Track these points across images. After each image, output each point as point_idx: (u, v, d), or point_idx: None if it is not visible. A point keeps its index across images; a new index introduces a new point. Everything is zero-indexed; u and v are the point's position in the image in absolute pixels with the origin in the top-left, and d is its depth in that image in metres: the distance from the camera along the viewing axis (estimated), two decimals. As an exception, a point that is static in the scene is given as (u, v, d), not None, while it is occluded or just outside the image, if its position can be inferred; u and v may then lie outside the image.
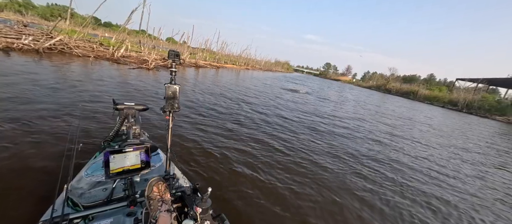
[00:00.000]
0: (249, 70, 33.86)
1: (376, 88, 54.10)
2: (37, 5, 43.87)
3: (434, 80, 57.14)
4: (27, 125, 2.98)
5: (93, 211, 1.18)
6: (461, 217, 2.99)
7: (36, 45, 8.96)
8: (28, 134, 2.76)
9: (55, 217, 1.03)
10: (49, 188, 1.83)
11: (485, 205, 3.47)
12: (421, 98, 39.50)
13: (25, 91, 4.21)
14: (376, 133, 7.10)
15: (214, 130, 4.32)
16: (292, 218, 2.32)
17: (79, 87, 5.30)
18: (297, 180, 3.07)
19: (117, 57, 11.69)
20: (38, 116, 3.30)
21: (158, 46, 21.10)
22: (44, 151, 2.51)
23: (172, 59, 1.49)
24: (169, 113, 1.53)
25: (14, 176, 2.04)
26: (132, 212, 1.23)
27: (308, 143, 4.73)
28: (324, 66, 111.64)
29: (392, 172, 4.03)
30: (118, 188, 1.37)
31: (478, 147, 8.18)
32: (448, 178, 4.31)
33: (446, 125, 13.18)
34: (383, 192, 3.22)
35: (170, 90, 1.51)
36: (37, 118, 3.22)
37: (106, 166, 1.23)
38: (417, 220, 2.72)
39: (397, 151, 5.47)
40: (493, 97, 34.47)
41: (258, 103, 8.25)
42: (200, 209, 1.02)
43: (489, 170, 5.43)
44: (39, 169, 2.19)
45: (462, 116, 23.37)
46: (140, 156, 1.34)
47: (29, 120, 3.12)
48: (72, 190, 1.32)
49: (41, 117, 3.29)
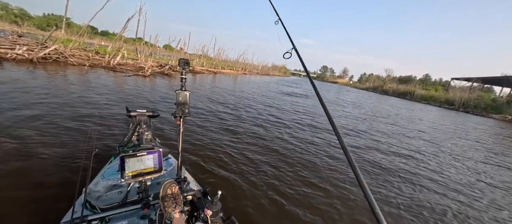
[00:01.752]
0: (246, 75, 33.93)
1: (373, 90, 54.49)
2: (33, 16, 43.90)
3: (430, 80, 57.79)
4: (45, 133, 3.12)
5: (109, 213, 1.24)
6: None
7: (30, 55, 8.87)
8: (46, 142, 2.88)
9: (75, 218, 1.09)
10: (68, 192, 1.95)
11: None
12: (418, 98, 39.83)
13: (39, 102, 4.23)
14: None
15: (217, 135, 4.25)
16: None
17: (76, 93, 5.21)
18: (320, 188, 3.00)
19: (113, 65, 11.62)
20: (54, 126, 3.43)
21: (155, 53, 21.12)
22: (62, 157, 2.61)
23: (182, 67, 1.58)
24: (180, 118, 1.61)
25: (36, 182, 2.13)
26: (146, 215, 1.27)
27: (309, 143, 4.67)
28: (321, 69, 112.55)
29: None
30: (132, 191, 1.44)
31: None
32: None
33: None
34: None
35: (180, 96, 1.60)
36: (53, 128, 3.36)
37: (122, 170, 1.27)
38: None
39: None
40: (489, 95, 34.85)
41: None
42: (210, 212, 1.04)
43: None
44: (59, 174, 2.31)
45: (470, 116, 23.52)
46: (153, 160, 1.39)
47: (47, 129, 3.27)
48: (90, 193, 1.38)
49: (57, 127, 3.42)
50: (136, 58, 14.99)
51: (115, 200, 1.38)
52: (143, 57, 15.39)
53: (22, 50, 8.80)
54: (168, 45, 30.17)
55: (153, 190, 1.43)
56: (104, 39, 29.15)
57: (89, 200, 1.32)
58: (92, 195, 1.38)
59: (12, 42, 9.30)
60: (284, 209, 2.44)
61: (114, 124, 3.92)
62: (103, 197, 1.39)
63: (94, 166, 1.42)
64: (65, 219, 1.18)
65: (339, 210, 2.61)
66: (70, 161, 2.55)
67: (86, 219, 1.14)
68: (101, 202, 1.34)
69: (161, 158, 1.43)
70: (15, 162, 2.39)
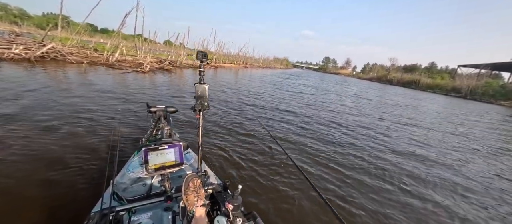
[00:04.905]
0: (247, 69, 33.56)
1: (377, 80, 53.56)
2: (33, 15, 43.81)
3: (436, 68, 56.44)
4: (73, 131, 3.23)
5: (135, 204, 1.28)
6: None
7: (28, 54, 8.77)
8: (74, 140, 2.99)
9: (104, 209, 1.12)
10: (96, 184, 2.11)
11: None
12: (423, 87, 39.02)
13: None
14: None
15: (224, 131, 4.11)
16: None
17: (72, 92, 5.10)
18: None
19: (111, 62, 11.49)
20: (79, 124, 3.55)
21: (155, 50, 20.90)
22: (90, 152, 2.73)
23: (200, 60, 1.55)
24: (199, 111, 1.60)
25: (67, 177, 2.24)
26: (169, 207, 1.31)
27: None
28: (323, 61, 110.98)
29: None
30: (155, 184, 1.50)
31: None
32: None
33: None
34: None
35: (199, 90, 1.58)
36: (78, 126, 3.48)
37: (146, 163, 1.30)
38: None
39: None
40: (497, 82, 33.88)
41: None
42: (231, 206, 1.04)
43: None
44: (87, 167, 2.41)
45: (478, 104, 22.96)
46: (174, 154, 1.41)
47: (75, 127, 3.39)
48: (116, 185, 1.43)
49: (81, 123, 3.58)
50: (136, 54, 14.83)
51: (140, 192, 1.42)
52: (142, 53, 15.22)
53: (19, 49, 8.70)
54: (168, 41, 29.90)
55: (175, 183, 1.46)
56: (104, 36, 29.01)
57: (116, 192, 1.36)
58: (119, 187, 1.42)
59: (9, 41, 9.21)
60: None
61: (135, 120, 4.06)
62: (129, 189, 1.43)
63: (119, 160, 1.49)
64: (95, 209, 1.22)
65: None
66: (96, 155, 2.65)
67: (114, 210, 1.19)
68: (127, 194, 1.38)
69: (181, 152, 1.45)
70: (50, 154, 2.58)
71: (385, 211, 2.46)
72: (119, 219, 1.20)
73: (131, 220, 1.21)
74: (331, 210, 0.96)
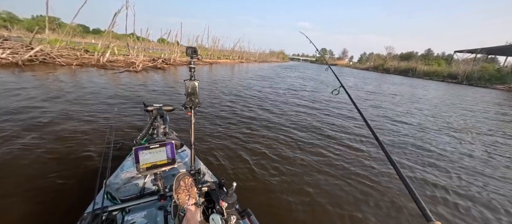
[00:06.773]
0: (243, 64, 33.26)
1: (374, 69, 53.43)
2: (22, 18, 42.80)
3: (432, 55, 56.32)
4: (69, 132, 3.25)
5: (129, 204, 1.28)
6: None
7: (15, 58, 8.57)
8: (69, 141, 2.99)
9: (96, 209, 1.11)
10: (90, 185, 2.04)
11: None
12: (420, 74, 38.99)
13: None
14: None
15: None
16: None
17: (68, 94, 4.99)
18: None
19: (103, 63, 11.28)
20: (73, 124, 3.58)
21: (148, 48, 20.58)
22: (84, 152, 2.74)
23: (190, 56, 1.52)
24: (191, 109, 1.58)
25: (60, 178, 2.21)
26: (162, 206, 1.31)
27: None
28: (320, 52, 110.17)
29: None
30: (149, 183, 1.51)
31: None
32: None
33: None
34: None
35: (189, 86, 1.55)
36: (73, 126, 3.51)
37: (137, 162, 1.29)
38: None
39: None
40: (493, 66, 33.91)
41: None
42: (226, 204, 1.03)
43: None
44: (82, 168, 2.42)
45: (473, 89, 22.98)
46: (166, 152, 1.40)
47: (70, 128, 3.40)
48: (110, 185, 1.44)
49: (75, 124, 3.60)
50: (128, 53, 14.58)
51: (134, 192, 1.43)
52: (135, 52, 14.96)
53: (6, 53, 8.49)
54: (162, 38, 29.42)
55: (169, 182, 1.45)
56: (96, 37, 28.45)
57: (110, 192, 1.37)
58: (112, 187, 1.43)
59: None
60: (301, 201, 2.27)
61: (132, 119, 4.05)
62: (122, 189, 1.44)
63: (116, 160, 1.47)
64: (89, 210, 1.21)
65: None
66: (90, 157, 2.66)
67: (107, 210, 1.19)
68: (121, 194, 1.39)
69: (173, 150, 1.43)
70: (43, 154, 2.57)
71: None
72: (113, 219, 1.20)
73: (125, 220, 1.21)
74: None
